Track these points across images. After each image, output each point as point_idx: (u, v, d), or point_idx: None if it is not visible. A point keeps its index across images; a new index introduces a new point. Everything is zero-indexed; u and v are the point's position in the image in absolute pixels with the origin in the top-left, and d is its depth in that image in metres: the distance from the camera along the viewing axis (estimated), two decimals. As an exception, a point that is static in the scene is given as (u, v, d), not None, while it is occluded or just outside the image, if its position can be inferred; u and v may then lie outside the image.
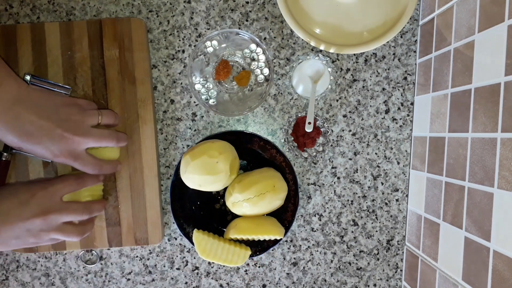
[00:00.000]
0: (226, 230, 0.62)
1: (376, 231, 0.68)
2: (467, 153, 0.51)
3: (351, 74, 0.66)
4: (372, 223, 0.68)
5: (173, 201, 0.62)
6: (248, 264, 0.68)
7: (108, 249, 0.67)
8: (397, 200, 0.68)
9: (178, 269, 0.68)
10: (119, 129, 0.63)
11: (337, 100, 0.66)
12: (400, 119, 0.66)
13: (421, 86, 0.64)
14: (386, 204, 0.68)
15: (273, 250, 0.68)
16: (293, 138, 0.65)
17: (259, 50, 0.62)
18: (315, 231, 0.68)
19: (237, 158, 0.61)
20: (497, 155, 0.45)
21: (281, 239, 0.63)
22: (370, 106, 0.66)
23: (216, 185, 0.59)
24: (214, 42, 0.62)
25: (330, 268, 0.69)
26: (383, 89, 0.66)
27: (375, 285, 0.69)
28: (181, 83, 0.65)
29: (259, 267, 0.68)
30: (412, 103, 0.66)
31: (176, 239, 0.67)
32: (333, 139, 0.66)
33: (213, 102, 0.63)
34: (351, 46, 0.59)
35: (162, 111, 0.65)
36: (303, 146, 0.65)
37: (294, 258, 0.68)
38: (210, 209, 0.66)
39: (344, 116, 0.66)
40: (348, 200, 0.68)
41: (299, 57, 0.63)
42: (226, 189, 0.62)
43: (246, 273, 0.69)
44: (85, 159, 0.54)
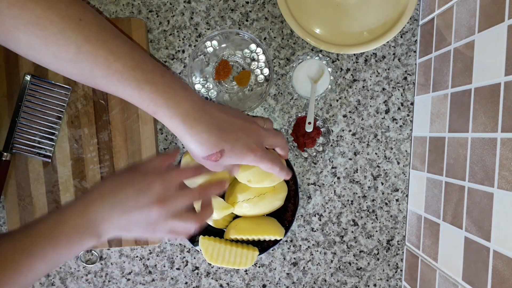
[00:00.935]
0: (226, 231, 0.62)
1: (376, 231, 0.68)
2: (467, 153, 0.51)
3: (351, 74, 0.66)
4: (372, 223, 0.68)
5: (173, 201, 0.62)
6: (248, 264, 0.69)
7: (108, 249, 0.67)
8: (397, 200, 0.68)
9: (178, 269, 0.68)
10: (119, 129, 0.63)
11: (337, 100, 0.66)
12: (400, 119, 0.66)
13: (421, 86, 0.64)
14: (386, 204, 0.68)
15: (273, 250, 0.68)
16: (293, 138, 0.65)
17: (259, 50, 0.62)
18: (315, 231, 0.68)
19: None
20: (497, 155, 0.45)
21: (281, 239, 0.63)
22: (370, 106, 0.66)
23: None
24: (214, 42, 0.62)
25: (330, 268, 0.69)
26: (383, 89, 0.66)
27: (375, 285, 0.69)
28: (181, 83, 0.65)
29: (259, 267, 0.68)
30: (412, 103, 0.66)
31: (176, 239, 0.67)
32: (333, 139, 0.66)
33: (213, 102, 0.63)
34: (351, 46, 0.59)
35: (162, 111, 0.65)
36: (303, 146, 0.65)
37: (294, 258, 0.68)
38: (210, 209, 0.66)
39: (344, 116, 0.66)
40: (348, 200, 0.68)
41: (299, 57, 0.63)
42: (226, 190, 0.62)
43: (246, 273, 0.69)
44: (268, 153, 0.51)
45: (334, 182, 0.67)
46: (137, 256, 0.68)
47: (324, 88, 0.64)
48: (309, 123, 0.62)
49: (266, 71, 0.63)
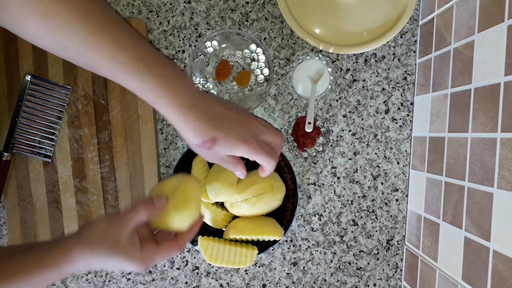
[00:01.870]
0: (226, 231, 0.62)
1: (376, 231, 0.68)
2: (467, 153, 0.51)
3: (351, 74, 0.66)
4: (372, 223, 0.68)
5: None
6: (248, 264, 0.69)
7: (108, 249, 0.67)
8: (397, 200, 0.68)
9: (178, 269, 0.68)
10: (119, 129, 0.63)
11: (337, 100, 0.66)
12: (400, 119, 0.66)
13: (421, 86, 0.64)
14: (386, 204, 0.68)
15: (273, 250, 0.68)
16: (293, 138, 0.65)
17: (259, 50, 0.62)
18: (315, 231, 0.68)
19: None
20: (497, 155, 0.45)
21: (280, 239, 0.63)
22: (370, 106, 0.66)
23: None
24: (214, 42, 0.62)
25: (330, 268, 0.69)
26: (383, 89, 0.66)
27: (375, 285, 0.69)
28: (181, 83, 0.65)
29: (259, 267, 0.69)
30: (412, 103, 0.66)
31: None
32: (333, 139, 0.67)
33: (213, 102, 0.63)
34: (351, 46, 0.59)
35: (162, 111, 0.65)
36: (303, 146, 0.65)
37: (294, 258, 0.68)
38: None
39: (344, 116, 0.66)
40: (348, 200, 0.68)
41: (299, 57, 0.63)
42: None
43: (246, 273, 0.69)
44: (265, 146, 0.51)
45: (334, 182, 0.67)
46: (137, 256, 0.68)
47: (324, 88, 0.64)
48: (309, 123, 0.62)
49: (266, 71, 0.63)
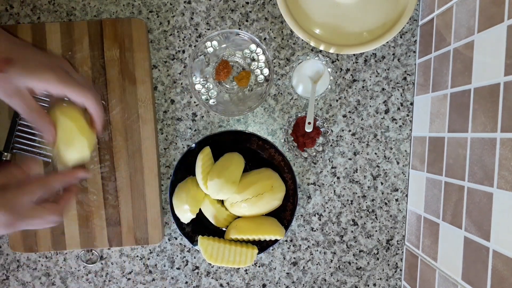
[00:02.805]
0: (227, 231, 0.62)
1: (376, 231, 0.68)
2: (467, 153, 0.51)
3: (351, 74, 0.66)
4: (372, 223, 0.68)
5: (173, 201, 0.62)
6: (248, 264, 0.69)
7: (109, 249, 0.67)
8: (397, 200, 0.68)
9: (178, 269, 0.68)
10: (119, 129, 0.63)
11: (337, 100, 0.66)
12: (400, 119, 0.67)
13: (421, 86, 0.64)
14: (386, 204, 0.68)
15: (273, 250, 0.68)
16: (293, 138, 0.65)
17: (259, 50, 0.62)
18: (315, 231, 0.68)
19: None
20: (497, 155, 0.45)
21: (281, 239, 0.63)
22: (370, 106, 0.66)
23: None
24: (214, 43, 0.62)
25: (330, 268, 0.69)
26: (383, 89, 0.66)
27: (375, 285, 0.69)
28: (181, 83, 0.65)
29: (259, 267, 0.69)
30: (412, 103, 0.66)
31: (176, 239, 0.67)
32: (333, 139, 0.67)
33: (213, 102, 0.64)
34: (351, 47, 0.59)
35: (162, 111, 0.65)
36: (303, 146, 0.65)
37: (294, 258, 0.69)
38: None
39: (344, 116, 0.66)
40: (348, 200, 0.68)
41: (299, 58, 0.63)
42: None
43: (246, 273, 0.69)
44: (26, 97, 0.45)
45: (334, 182, 0.67)
46: (138, 256, 0.68)
47: (324, 88, 0.64)
48: (309, 123, 0.62)
49: (266, 71, 0.63)
